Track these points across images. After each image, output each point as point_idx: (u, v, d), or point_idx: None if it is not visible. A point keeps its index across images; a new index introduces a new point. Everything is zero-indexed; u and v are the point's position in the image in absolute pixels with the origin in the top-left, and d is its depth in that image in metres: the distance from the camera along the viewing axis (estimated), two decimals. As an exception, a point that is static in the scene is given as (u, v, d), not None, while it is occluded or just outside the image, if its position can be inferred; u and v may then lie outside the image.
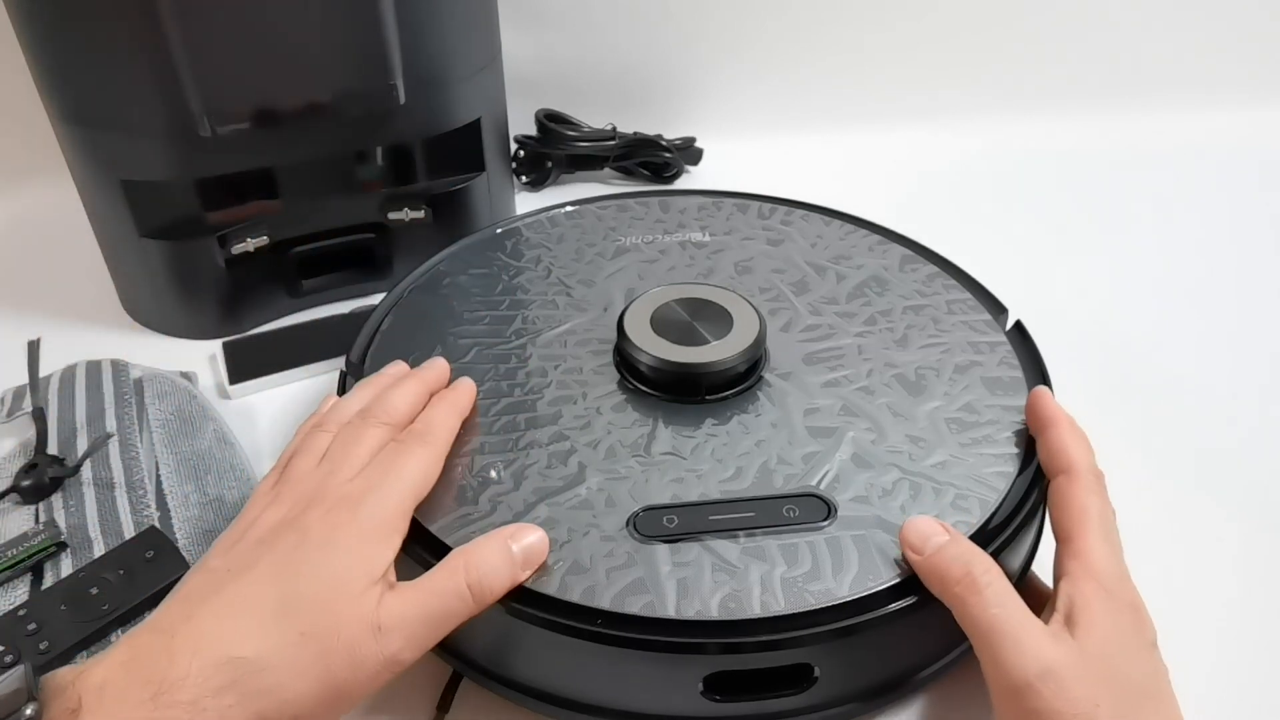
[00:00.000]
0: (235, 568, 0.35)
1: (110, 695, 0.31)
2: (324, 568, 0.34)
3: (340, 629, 0.33)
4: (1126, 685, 0.32)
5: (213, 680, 0.31)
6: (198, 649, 0.32)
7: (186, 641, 0.32)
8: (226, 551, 0.36)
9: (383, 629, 0.33)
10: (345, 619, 0.33)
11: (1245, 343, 0.61)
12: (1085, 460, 0.38)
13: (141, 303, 0.63)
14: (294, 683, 0.32)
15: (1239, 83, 0.86)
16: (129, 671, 0.32)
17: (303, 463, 0.39)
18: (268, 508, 0.37)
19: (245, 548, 0.35)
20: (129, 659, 0.32)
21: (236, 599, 0.34)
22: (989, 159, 0.82)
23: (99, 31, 0.50)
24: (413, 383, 0.43)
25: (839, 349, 0.46)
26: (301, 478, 0.38)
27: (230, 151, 0.55)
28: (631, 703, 0.36)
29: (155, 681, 0.31)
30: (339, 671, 0.33)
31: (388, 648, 0.33)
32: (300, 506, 0.36)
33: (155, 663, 0.32)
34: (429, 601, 0.34)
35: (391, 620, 0.34)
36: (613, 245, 0.54)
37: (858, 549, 0.37)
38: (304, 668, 0.32)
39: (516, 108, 0.70)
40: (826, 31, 0.82)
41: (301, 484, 0.38)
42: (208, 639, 0.32)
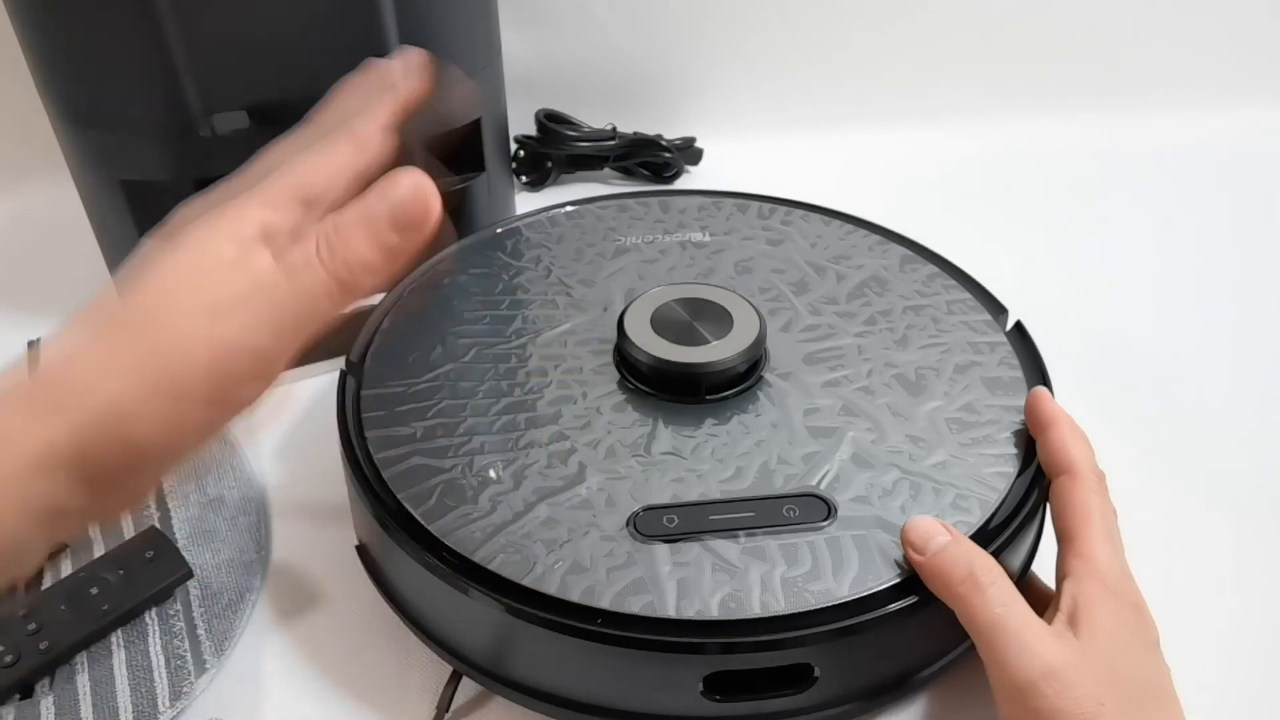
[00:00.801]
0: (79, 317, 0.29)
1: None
2: (160, 266, 0.28)
3: (164, 316, 0.28)
4: (1130, 685, 0.32)
5: (15, 394, 0.27)
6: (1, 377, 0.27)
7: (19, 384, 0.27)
8: None
9: (216, 309, 0.27)
10: (173, 304, 0.28)
11: (1245, 343, 0.61)
12: (1087, 460, 0.38)
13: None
14: (110, 381, 0.27)
15: (1239, 83, 0.86)
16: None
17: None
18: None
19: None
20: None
21: (64, 325, 0.29)
22: (989, 159, 0.82)
23: (99, 31, 0.50)
24: (348, 90, 0.36)
25: (839, 349, 0.46)
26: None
27: (230, 151, 0.55)
28: (631, 702, 0.36)
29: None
30: (161, 359, 0.27)
31: (222, 329, 0.27)
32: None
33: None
34: (276, 278, 0.28)
35: (227, 299, 0.27)
36: (613, 245, 0.54)
37: (858, 549, 0.37)
38: (118, 363, 0.27)
39: (516, 108, 0.70)
40: (827, 31, 0.82)
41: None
42: (17, 366, 0.28)
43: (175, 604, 0.43)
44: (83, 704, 0.38)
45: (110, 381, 0.27)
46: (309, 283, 0.28)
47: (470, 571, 0.36)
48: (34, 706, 0.39)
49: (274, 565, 0.47)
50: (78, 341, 0.28)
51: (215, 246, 0.28)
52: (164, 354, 0.27)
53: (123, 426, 0.27)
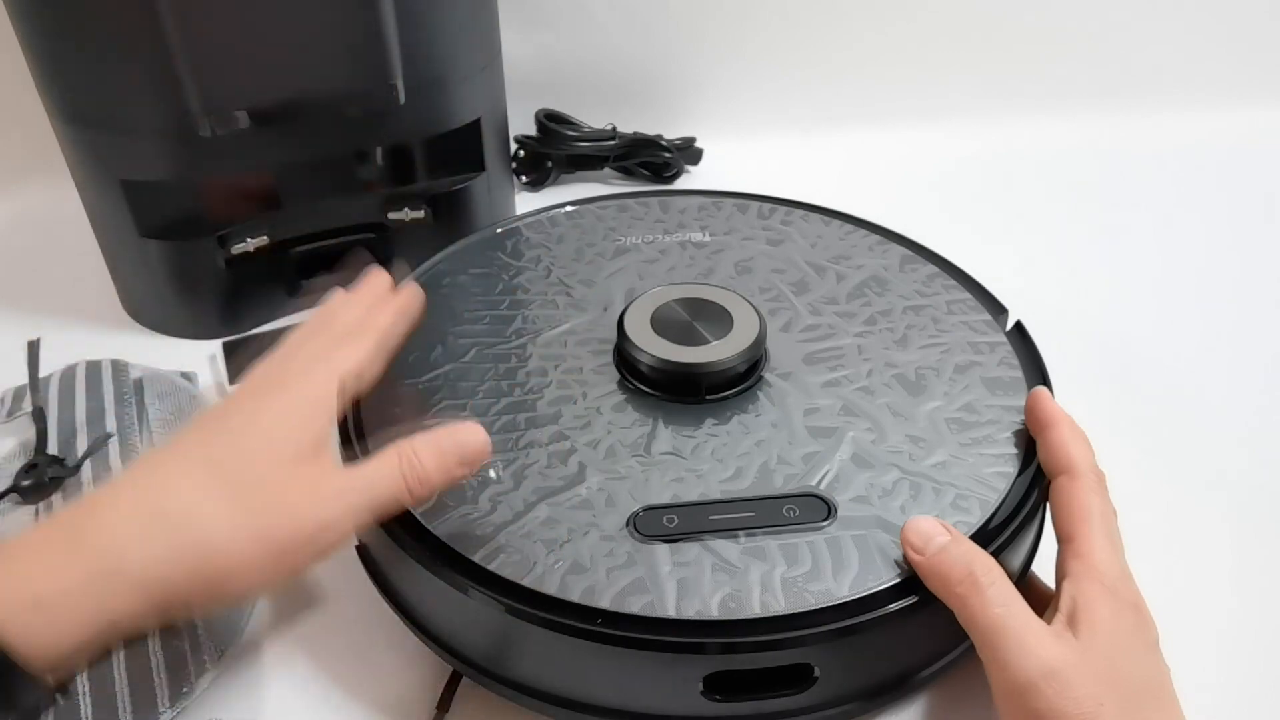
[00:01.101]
0: (165, 446, 0.35)
1: (29, 549, 0.31)
2: (250, 434, 0.34)
3: (270, 487, 0.33)
4: (1129, 685, 0.32)
5: (135, 529, 0.31)
6: (119, 504, 0.32)
7: (110, 500, 0.32)
8: (161, 444, 0.36)
9: (319, 494, 0.34)
10: (276, 479, 0.33)
11: (1245, 342, 0.61)
12: (1086, 460, 0.38)
13: (141, 303, 0.63)
14: (225, 536, 0.32)
15: (1239, 83, 0.86)
16: (49, 529, 0.32)
17: (249, 376, 0.38)
18: (201, 413, 0.37)
19: (179, 433, 0.35)
20: (51, 522, 0.32)
21: (163, 463, 0.34)
22: (989, 159, 0.82)
23: (99, 31, 0.50)
24: (353, 298, 0.42)
25: (839, 349, 0.46)
26: (245, 382, 0.38)
27: (230, 151, 0.55)
28: (631, 702, 0.36)
29: (75, 534, 0.31)
30: (274, 530, 0.32)
31: (324, 512, 0.33)
32: (236, 397, 0.36)
33: (77, 520, 0.32)
34: (366, 479, 0.35)
35: (328, 488, 0.34)
36: (613, 245, 0.54)
37: (858, 549, 0.37)
38: (234, 522, 0.32)
39: (516, 108, 0.70)
40: (827, 31, 0.82)
41: (243, 385, 0.38)
42: (131, 495, 0.32)
43: (175, 604, 0.43)
44: (83, 704, 0.38)
45: (224, 538, 0.32)
46: (389, 487, 0.35)
47: (470, 571, 0.36)
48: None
49: (274, 565, 0.47)
50: (190, 488, 0.33)
51: (298, 426, 0.35)
52: (279, 531, 0.33)
53: (225, 580, 0.32)
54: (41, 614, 0.30)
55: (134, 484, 0.33)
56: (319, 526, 0.33)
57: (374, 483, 0.35)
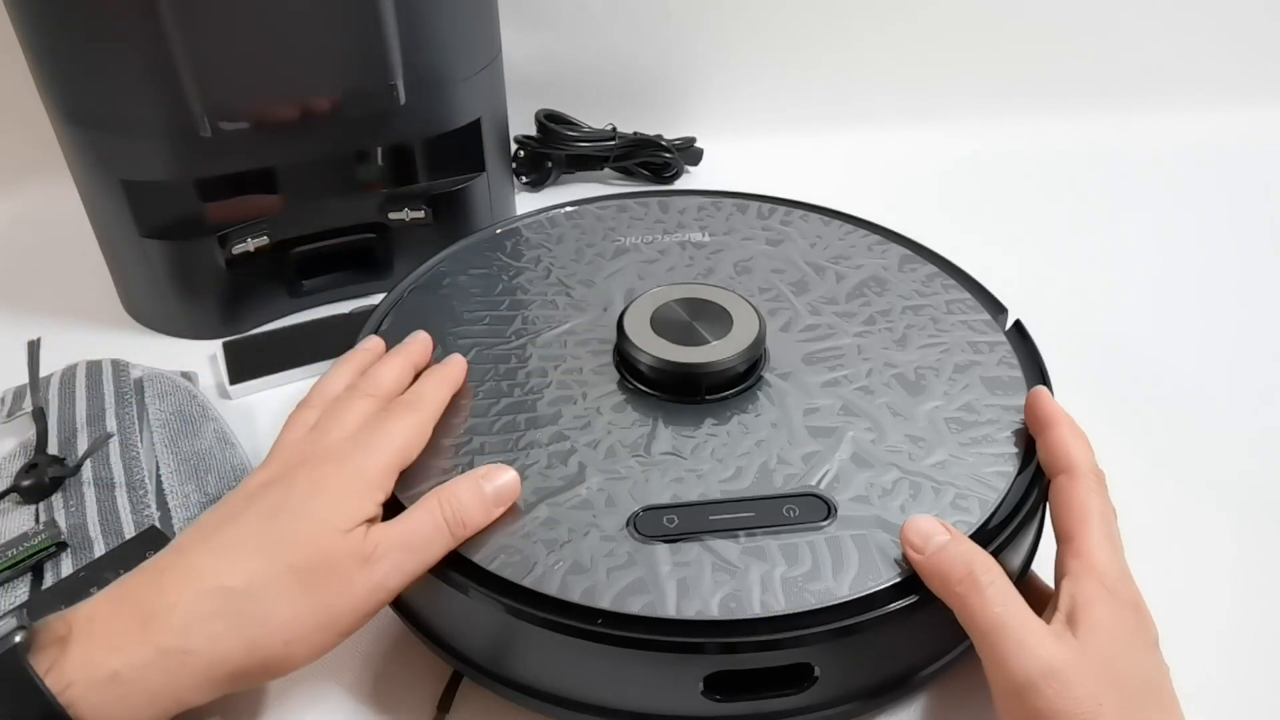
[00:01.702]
0: (224, 517, 0.36)
1: (99, 624, 0.32)
2: (308, 510, 0.35)
3: (327, 559, 0.34)
4: (1129, 685, 0.32)
5: (202, 607, 0.33)
6: (186, 581, 0.33)
7: (175, 577, 0.34)
8: (217, 510, 0.37)
9: (369, 557, 0.35)
10: (331, 551, 0.35)
11: (1245, 342, 0.61)
12: (1086, 460, 0.38)
13: (141, 303, 0.63)
14: (284, 609, 0.33)
15: (1239, 83, 0.86)
16: (118, 604, 0.33)
17: (290, 435, 0.40)
18: (257, 472, 0.38)
19: (235, 501, 0.37)
20: (118, 595, 0.33)
21: (225, 540, 0.35)
22: (988, 158, 0.82)
23: (99, 32, 0.50)
24: (398, 358, 0.44)
25: (839, 349, 0.46)
26: (289, 445, 0.39)
27: (230, 151, 0.55)
28: (632, 702, 0.36)
29: (144, 611, 0.32)
30: (329, 597, 0.34)
31: (374, 574, 0.35)
32: (289, 467, 0.37)
33: (144, 595, 0.33)
34: (410, 532, 0.36)
35: (377, 549, 0.35)
36: (612, 245, 0.54)
37: (858, 549, 0.37)
38: (293, 595, 0.34)
39: (516, 108, 0.70)
40: (826, 31, 0.82)
41: (289, 450, 0.39)
42: (196, 572, 0.34)
43: (175, 604, 0.43)
44: (83, 704, 0.38)
45: (286, 615, 0.34)
46: (435, 536, 0.36)
47: (470, 572, 0.36)
48: (34, 706, 0.39)
49: (274, 565, 0.47)
50: (252, 567, 0.34)
51: (357, 505, 0.36)
52: (336, 602, 0.34)
53: (282, 658, 0.34)
54: (115, 691, 0.31)
55: (199, 561, 0.34)
56: (370, 589, 0.35)
57: (417, 536, 0.36)
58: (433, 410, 0.41)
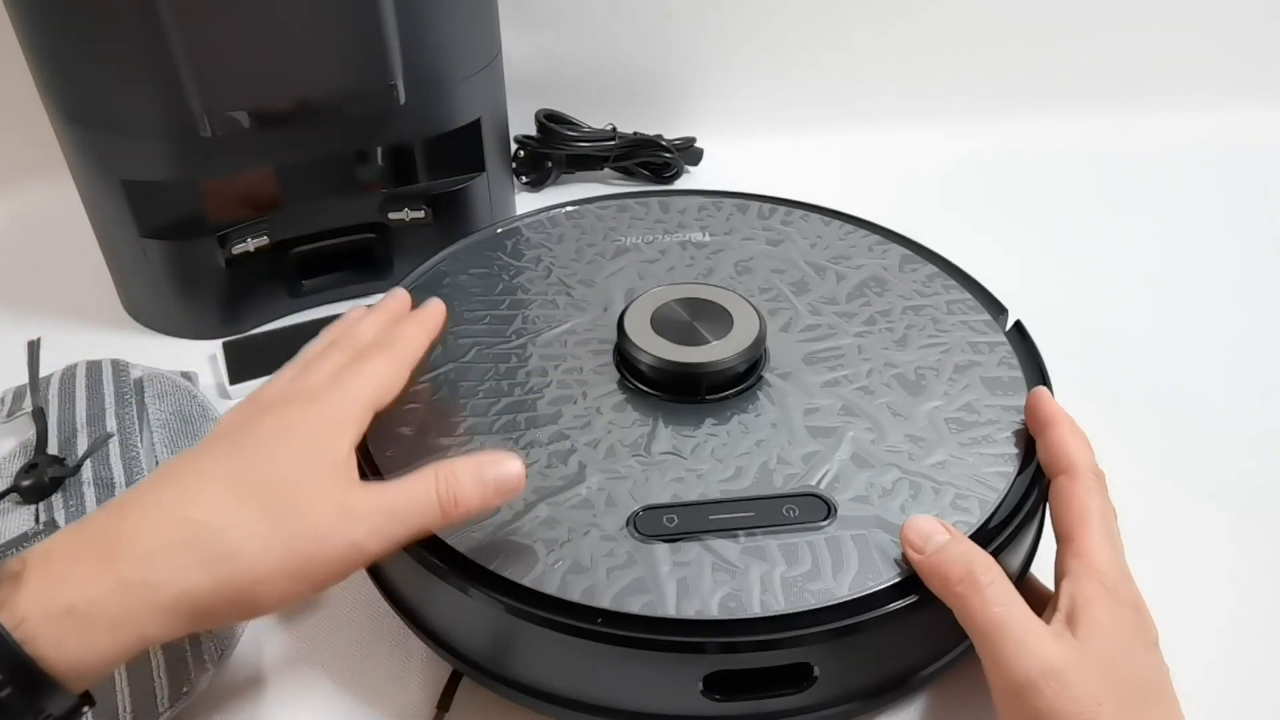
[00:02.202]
0: (192, 454, 0.35)
1: (57, 558, 0.31)
2: (280, 449, 0.34)
3: (301, 504, 0.33)
4: (1129, 685, 0.32)
5: (165, 538, 0.31)
6: (149, 513, 0.32)
7: (138, 509, 0.32)
8: (187, 450, 0.36)
9: (349, 512, 0.33)
10: (307, 496, 0.33)
11: (1245, 342, 0.61)
12: (1086, 460, 0.38)
13: (141, 303, 0.63)
14: (255, 551, 0.32)
15: (1239, 83, 0.86)
16: (76, 537, 0.32)
17: (268, 387, 0.39)
18: (228, 415, 0.38)
19: (204, 442, 0.36)
20: (77, 529, 0.32)
21: (191, 474, 0.34)
22: (989, 159, 0.82)
23: (99, 31, 0.50)
24: (375, 314, 0.43)
25: (839, 349, 0.46)
26: (266, 393, 0.39)
27: (230, 151, 0.55)
28: (631, 702, 0.36)
29: (103, 543, 0.31)
30: (303, 546, 0.33)
31: (353, 532, 0.33)
32: (261, 409, 0.37)
33: (105, 528, 0.32)
34: (398, 499, 0.34)
35: (358, 506, 0.34)
36: (613, 245, 0.54)
37: (857, 548, 0.37)
38: (265, 537, 0.32)
39: (516, 108, 0.70)
40: (826, 31, 0.82)
41: (264, 395, 0.38)
42: (161, 505, 0.33)
43: (175, 604, 0.43)
44: (83, 704, 0.38)
45: (254, 552, 0.32)
46: (422, 510, 0.34)
47: (470, 571, 0.36)
48: (34, 706, 0.39)
49: (274, 565, 0.47)
50: (218, 501, 0.33)
51: (329, 444, 0.35)
52: (308, 548, 0.33)
53: (251, 595, 0.32)
54: (72, 623, 0.30)
55: (163, 493, 0.33)
56: (347, 546, 0.33)
57: (406, 504, 0.34)
58: (408, 352, 0.40)
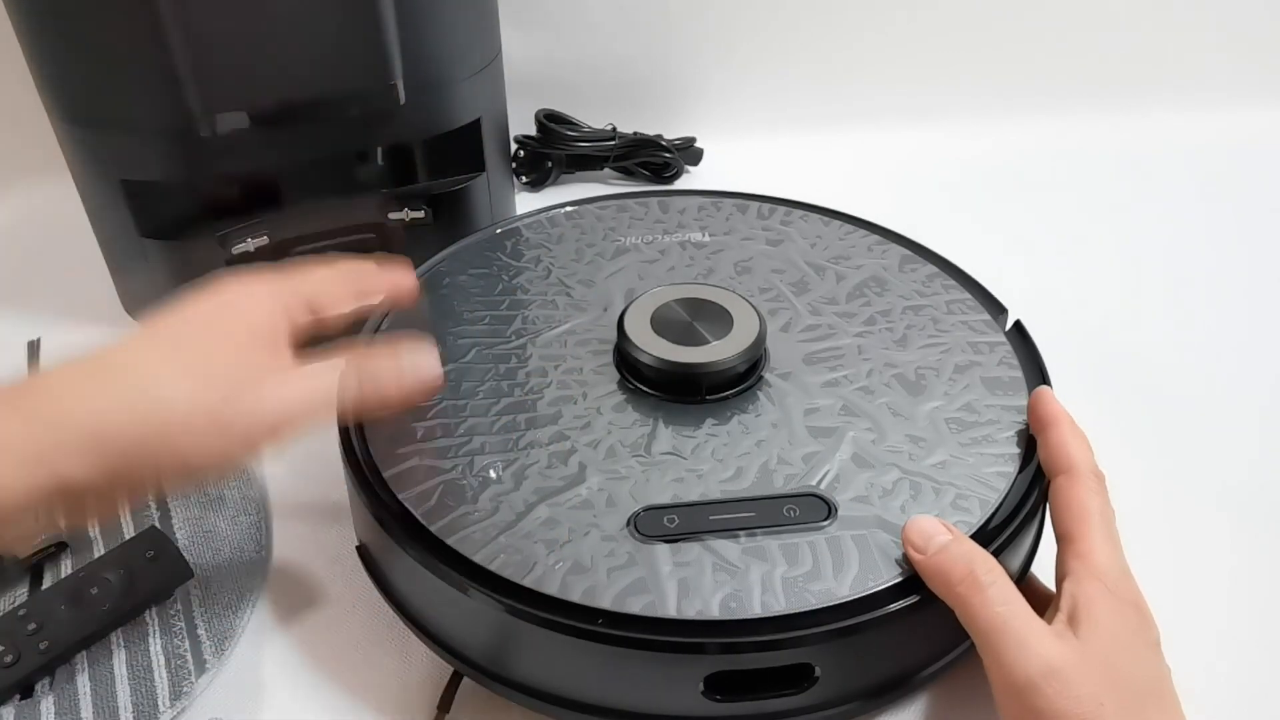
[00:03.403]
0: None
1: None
2: (213, 321, 0.35)
3: (235, 372, 0.33)
4: (1130, 684, 0.32)
5: (87, 379, 0.31)
6: (70, 362, 0.32)
7: (60, 364, 0.32)
8: None
9: (283, 388, 0.34)
10: (241, 365, 0.33)
11: (1245, 342, 0.61)
12: (1086, 460, 0.38)
13: (141, 303, 0.63)
14: (186, 404, 0.32)
15: (1241, 83, 0.86)
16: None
17: None
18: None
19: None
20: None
21: (123, 339, 0.34)
22: (988, 159, 0.82)
23: (99, 31, 0.50)
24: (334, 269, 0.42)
25: (839, 349, 0.46)
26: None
27: (230, 151, 0.55)
28: (632, 702, 0.36)
29: (19, 386, 0.31)
30: (237, 410, 0.32)
31: (286, 404, 0.34)
32: (191, 296, 0.37)
33: (19, 379, 0.32)
34: (320, 376, 0.35)
35: (293, 383, 0.34)
36: (612, 245, 0.54)
37: (858, 549, 0.37)
38: (197, 393, 0.32)
39: (516, 108, 0.70)
40: (827, 31, 0.82)
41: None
42: (84, 357, 0.32)
43: (175, 604, 0.43)
44: (83, 704, 0.38)
45: (182, 401, 0.31)
46: (340, 378, 0.35)
47: (471, 572, 0.36)
48: (34, 706, 0.39)
49: (274, 565, 0.47)
50: (159, 354, 0.33)
51: (250, 316, 0.35)
52: (242, 409, 0.33)
53: (179, 447, 0.31)
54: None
55: (90, 352, 0.33)
56: (280, 417, 0.33)
57: (328, 382, 0.35)
58: (361, 274, 0.40)
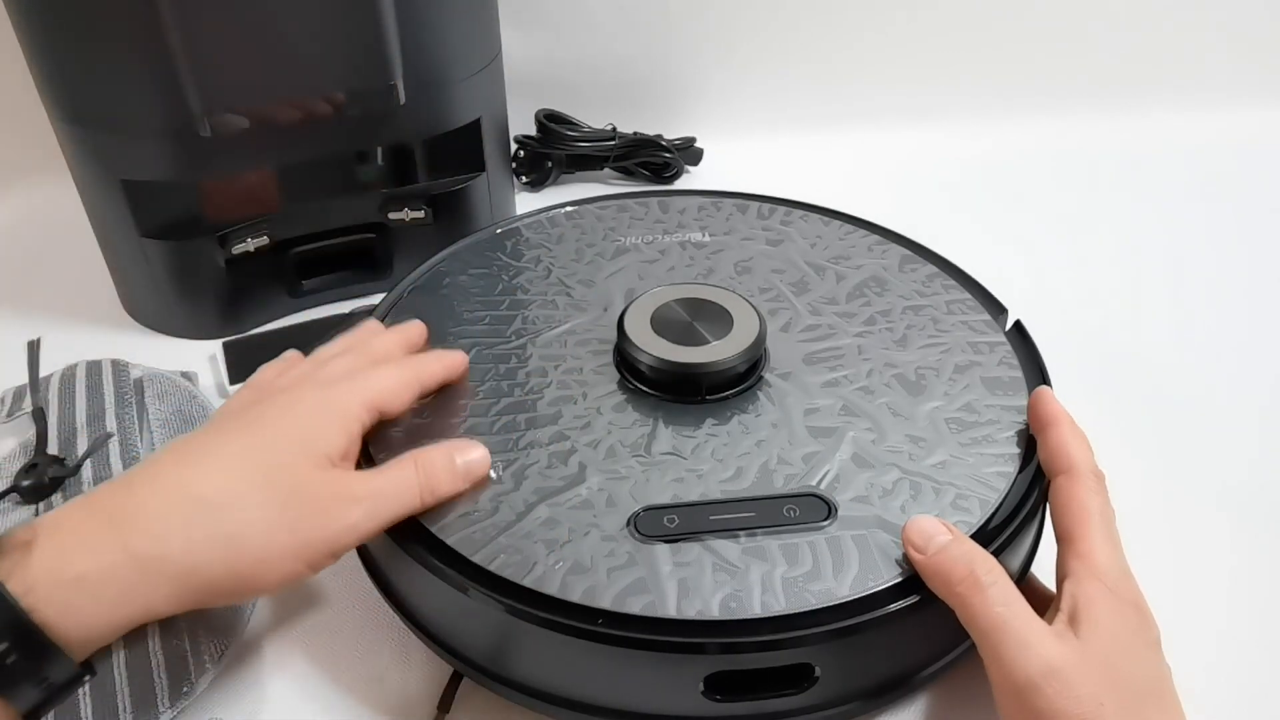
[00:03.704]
0: (197, 435, 0.36)
1: (67, 528, 0.31)
2: (288, 431, 0.36)
3: (306, 487, 0.35)
4: (1130, 685, 0.32)
5: (176, 513, 0.32)
6: (159, 487, 0.33)
7: (148, 484, 0.33)
8: (191, 432, 0.37)
9: (347, 496, 0.35)
10: (312, 479, 0.35)
11: (1245, 342, 0.61)
12: (1086, 460, 0.38)
13: (141, 303, 0.63)
14: (259, 524, 0.33)
15: (1242, 83, 0.86)
16: (87, 508, 0.32)
17: (270, 370, 0.40)
18: (233, 399, 0.39)
19: (212, 421, 0.37)
20: (87, 501, 0.33)
21: (198, 452, 0.35)
22: (989, 159, 0.82)
23: (99, 32, 0.50)
24: (393, 333, 0.44)
25: (839, 349, 0.46)
26: (268, 376, 0.40)
27: (230, 151, 0.55)
28: (632, 703, 0.36)
29: (114, 514, 0.32)
30: (308, 528, 0.34)
31: (352, 514, 0.35)
32: (267, 391, 0.38)
33: (115, 500, 0.33)
34: (387, 484, 0.37)
35: (356, 491, 0.36)
36: (612, 245, 0.54)
37: (858, 549, 0.37)
38: (268, 512, 0.34)
39: (516, 108, 0.70)
40: (827, 31, 0.82)
41: (268, 378, 0.39)
42: (170, 481, 0.33)
43: (175, 604, 0.43)
44: (83, 704, 0.38)
45: (259, 532, 0.33)
46: (407, 495, 0.37)
47: (471, 572, 0.36)
48: (34, 707, 0.39)
49: (274, 565, 0.47)
50: (226, 479, 0.34)
51: (335, 429, 0.37)
52: (309, 529, 0.34)
53: (255, 572, 0.33)
54: (82, 592, 0.30)
55: (172, 470, 0.34)
56: (345, 528, 0.35)
57: (393, 490, 0.37)
58: (423, 374, 0.41)
